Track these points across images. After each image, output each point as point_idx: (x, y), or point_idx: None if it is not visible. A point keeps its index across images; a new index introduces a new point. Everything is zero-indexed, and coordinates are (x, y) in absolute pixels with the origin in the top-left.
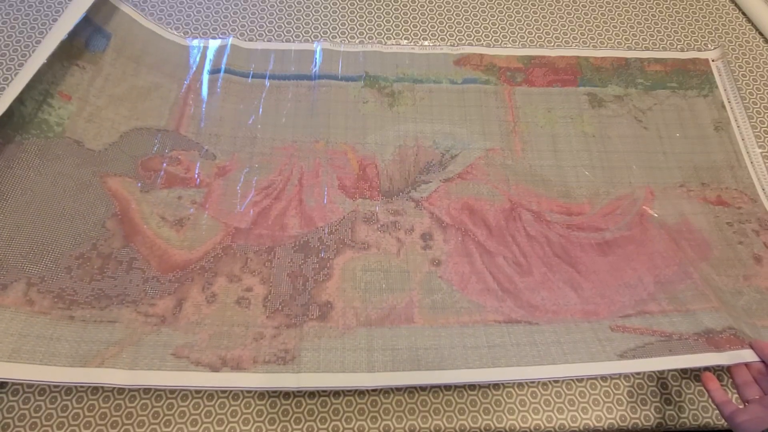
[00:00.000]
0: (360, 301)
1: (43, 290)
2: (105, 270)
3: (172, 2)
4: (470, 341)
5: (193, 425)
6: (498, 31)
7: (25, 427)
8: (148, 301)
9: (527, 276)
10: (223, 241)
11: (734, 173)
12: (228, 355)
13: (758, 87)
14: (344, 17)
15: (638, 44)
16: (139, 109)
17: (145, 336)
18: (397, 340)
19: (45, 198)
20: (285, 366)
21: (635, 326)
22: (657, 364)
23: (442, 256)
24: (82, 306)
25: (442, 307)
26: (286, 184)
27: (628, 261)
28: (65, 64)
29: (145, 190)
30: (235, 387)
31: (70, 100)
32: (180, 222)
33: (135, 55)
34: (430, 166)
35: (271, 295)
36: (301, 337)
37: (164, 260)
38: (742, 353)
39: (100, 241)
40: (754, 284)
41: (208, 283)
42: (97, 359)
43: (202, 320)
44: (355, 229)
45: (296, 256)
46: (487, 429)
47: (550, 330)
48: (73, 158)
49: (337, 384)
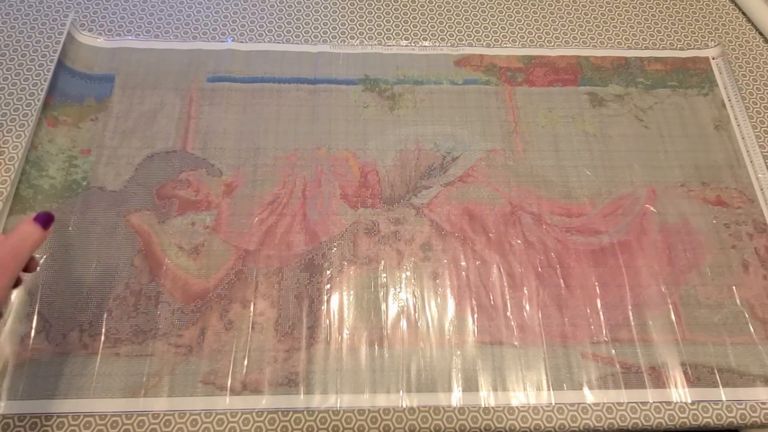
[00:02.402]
0: (363, 321)
1: (92, 333)
2: (138, 306)
3: (171, 3)
4: (459, 362)
5: (193, 425)
6: (498, 31)
7: (25, 427)
8: (176, 332)
9: (518, 290)
10: (234, 266)
11: (734, 172)
12: (247, 379)
13: (758, 87)
14: (344, 17)
15: (638, 43)
16: (149, 136)
17: (177, 366)
18: (399, 360)
19: (82, 250)
20: (296, 388)
21: (603, 355)
22: (613, 396)
23: (440, 269)
24: (124, 343)
25: (439, 325)
26: (290, 197)
27: (615, 276)
28: (81, 126)
29: (162, 221)
30: (253, 408)
31: (90, 153)
32: (196, 249)
33: (138, 82)
34: (431, 170)
35: (281, 319)
36: (309, 359)
37: (185, 291)
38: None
39: (131, 279)
40: (738, 295)
41: (225, 310)
42: (141, 390)
43: (222, 347)
44: (357, 243)
45: (302, 276)
46: (487, 429)
47: (532, 353)
48: (99, 204)
49: (343, 405)
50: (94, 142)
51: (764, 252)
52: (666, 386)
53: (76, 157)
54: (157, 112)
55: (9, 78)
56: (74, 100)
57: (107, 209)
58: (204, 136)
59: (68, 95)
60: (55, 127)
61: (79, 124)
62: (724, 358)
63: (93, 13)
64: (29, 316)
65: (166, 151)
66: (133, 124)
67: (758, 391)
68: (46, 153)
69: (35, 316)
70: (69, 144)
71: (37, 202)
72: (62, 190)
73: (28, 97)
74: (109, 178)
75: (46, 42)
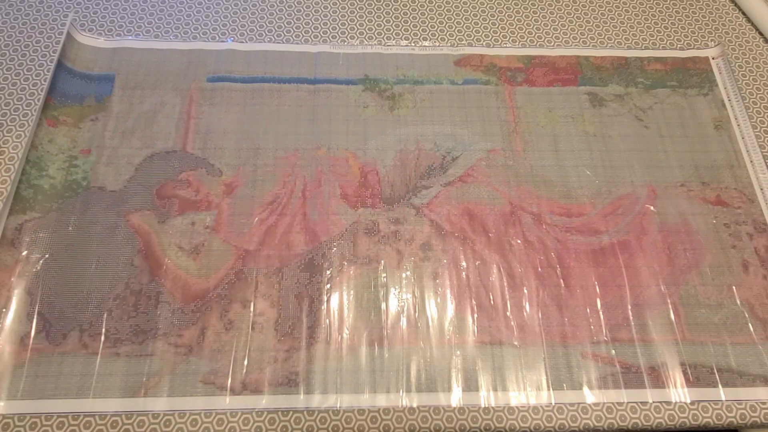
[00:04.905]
0: (363, 320)
1: (92, 333)
2: (138, 306)
3: (171, 3)
4: (459, 362)
5: (193, 425)
6: (498, 31)
7: (25, 427)
8: (176, 332)
9: (518, 290)
10: (234, 266)
11: (734, 172)
12: (247, 379)
13: (758, 87)
14: (344, 17)
15: (638, 43)
16: (148, 136)
17: (177, 366)
18: (399, 360)
19: (83, 250)
20: (296, 388)
21: (603, 354)
22: (612, 396)
23: (439, 269)
24: (124, 343)
25: (438, 325)
26: (290, 197)
27: (615, 276)
28: (81, 126)
29: (162, 221)
30: (253, 408)
31: (90, 153)
32: (196, 249)
33: (138, 82)
34: (431, 170)
35: (281, 319)
36: (309, 359)
37: (185, 291)
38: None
39: (131, 279)
40: (738, 295)
41: (225, 310)
42: (141, 390)
43: (222, 347)
44: (357, 243)
45: (302, 276)
46: (487, 429)
47: (532, 353)
48: (99, 204)
49: (343, 405)
50: (94, 142)
51: (764, 252)
52: (666, 386)
53: (76, 157)
54: (157, 112)
55: (9, 78)
56: (74, 100)
57: (107, 209)
58: (204, 136)
59: (68, 95)
60: (55, 127)
61: (79, 124)
62: (723, 358)
63: (93, 13)
64: (29, 316)
65: (166, 151)
66: (133, 124)
67: (758, 391)
68: (46, 153)
69: (35, 316)
70: (69, 144)
71: (37, 202)
72: (62, 190)
73: (28, 97)
74: (109, 178)
75: (45, 42)
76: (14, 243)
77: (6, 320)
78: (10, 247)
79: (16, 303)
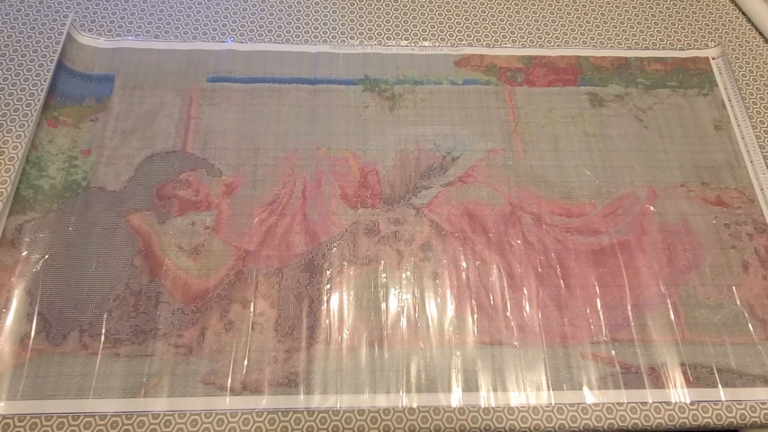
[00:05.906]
0: (363, 321)
1: (92, 334)
2: (138, 306)
3: (171, 3)
4: (459, 362)
5: (193, 426)
6: (498, 31)
7: (25, 427)
8: (176, 333)
9: (518, 291)
10: (235, 266)
11: (734, 172)
12: (247, 380)
13: (758, 87)
14: (344, 17)
15: (638, 44)
16: (149, 136)
17: (177, 366)
18: (399, 361)
19: (83, 250)
20: (296, 388)
21: (603, 355)
22: (612, 396)
23: (439, 269)
24: (124, 343)
25: (438, 325)
26: (290, 197)
27: (615, 277)
28: (81, 127)
29: (162, 221)
30: (253, 408)
31: (90, 153)
32: (196, 250)
33: (138, 82)
34: (431, 170)
35: (281, 319)
36: (309, 360)
37: (185, 291)
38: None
39: (131, 279)
40: (738, 295)
41: (225, 310)
42: (141, 390)
43: (222, 348)
44: (357, 243)
45: (302, 276)
46: (487, 429)
47: (531, 354)
48: (99, 205)
49: (343, 405)
50: (94, 143)
51: (764, 252)
52: (665, 386)
53: (76, 158)
54: (157, 112)
55: (9, 78)
56: (74, 101)
57: (107, 209)
58: (204, 136)
59: (68, 95)
60: (55, 127)
61: (79, 125)
62: (723, 358)
63: (93, 14)
64: (29, 316)
65: (166, 151)
66: (133, 124)
67: (758, 391)
68: (46, 153)
69: (35, 316)
70: (69, 144)
71: (37, 203)
72: (62, 191)
73: (28, 97)
74: (109, 178)
75: (45, 42)
76: (14, 243)
77: (6, 320)
78: (10, 248)
79: (16, 303)
